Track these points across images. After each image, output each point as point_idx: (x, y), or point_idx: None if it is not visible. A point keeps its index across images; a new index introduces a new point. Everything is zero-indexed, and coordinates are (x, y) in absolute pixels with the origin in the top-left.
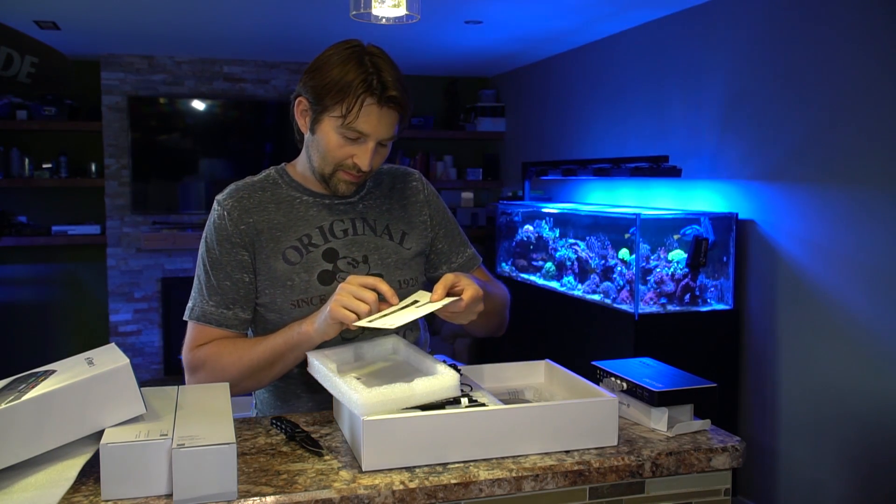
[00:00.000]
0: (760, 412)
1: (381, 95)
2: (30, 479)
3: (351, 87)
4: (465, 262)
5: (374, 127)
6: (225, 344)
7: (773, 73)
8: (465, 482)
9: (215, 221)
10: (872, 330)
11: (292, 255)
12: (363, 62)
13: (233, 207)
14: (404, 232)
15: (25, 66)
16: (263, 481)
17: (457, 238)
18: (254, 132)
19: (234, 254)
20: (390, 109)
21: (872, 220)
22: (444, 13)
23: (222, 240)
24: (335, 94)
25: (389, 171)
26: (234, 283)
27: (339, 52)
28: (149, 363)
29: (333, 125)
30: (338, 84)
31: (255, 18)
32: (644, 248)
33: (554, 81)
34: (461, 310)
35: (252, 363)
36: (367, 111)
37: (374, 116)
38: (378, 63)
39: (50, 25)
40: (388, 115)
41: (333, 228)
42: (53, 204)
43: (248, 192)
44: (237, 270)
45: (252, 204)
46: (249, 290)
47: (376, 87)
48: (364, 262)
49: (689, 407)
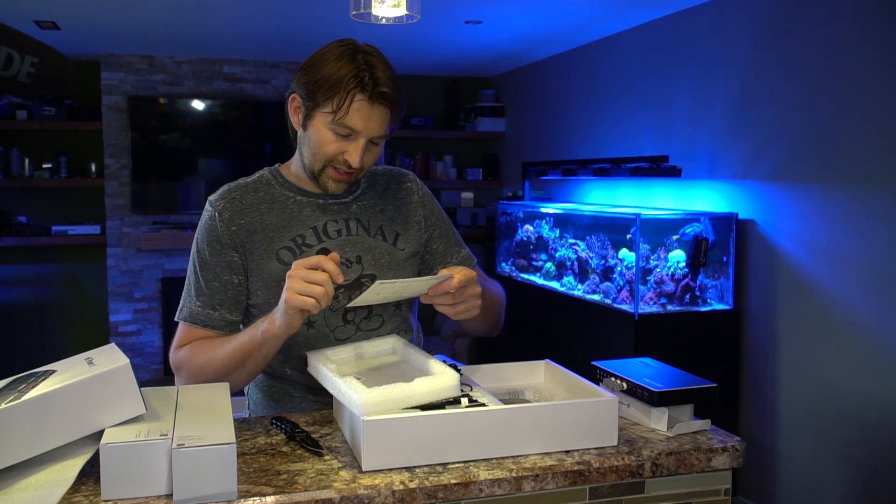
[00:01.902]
0: (760, 412)
1: (371, 91)
2: (30, 479)
3: (342, 82)
4: (459, 262)
5: (365, 123)
6: (200, 345)
7: (773, 73)
8: (465, 482)
9: (206, 222)
10: (872, 330)
11: (286, 255)
12: (356, 59)
13: (224, 208)
14: (398, 233)
15: (25, 66)
16: (263, 481)
17: (451, 238)
18: (254, 132)
19: (224, 255)
20: (381, 106)
21: (873, 220)
22: (444, 13)
23: (212, 241)
24: (327, 90)
25: (384, 173)
26: (223, 284)
27: (333, 49)
28: (149, 363)
29: (325, 121)
30: (330, 80)
31: (255, 18)
32: (644, 248)
33: (554, 81)
34: (453, 288)
35: (223, 364)
36: (357, 107)
37: (364, 113)
38: (371, 60)
39: (50, 25)
40: (379, 112)
41: (327, 228)
42: (53, 204)
43: (241, 193)
44: (226, 272)
45: (244, 205)
46: (238, 292)
47: (367, 83)
48: (357, 262)
49: (689, 407)
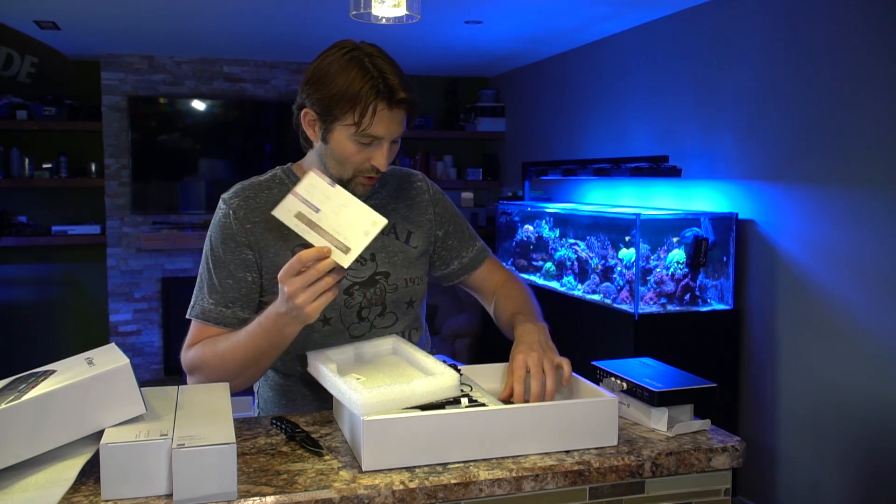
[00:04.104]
0: (760, 412)
1: (390, 99)
2: (30, 479)
3: (360, 95)
4: (475, 255)
5: (388, 129)
6: (212, 342)
7: (773, 72)
8: (465, 482)
9: (220, 220)
10: (872, 330)
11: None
12: (365, 66)
13: (238, 206)
14: (410, 231)
15: (25, 66)
16: (263, 481)
17: (465, 233)
18: (254, 132)
19: (238, 252)
20: (400, 109)
21: (872, 220)
22: (444, 13)
23: (226, 238)
24: (345, 104)
25: (394, 173)
26: (237, 281)
27: (338, 58)
28: (149, 363)
29: (346, 133)
30: (346, 94)
31: (255, 18)
32: (644, 247)
33: (554, 81)
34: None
35: (240, 359)
36: (379, 116)
37: (386, 120)
38: (380, 65)
39: (50, 25)
40: (398, 116)
41: None
42: (53, 204)
43: (255, 191)
44: (240, 269)
45: (259, 203)
46: (251, 290)
47: (384, 91)
48: (371, 259)
49: (689, 407)
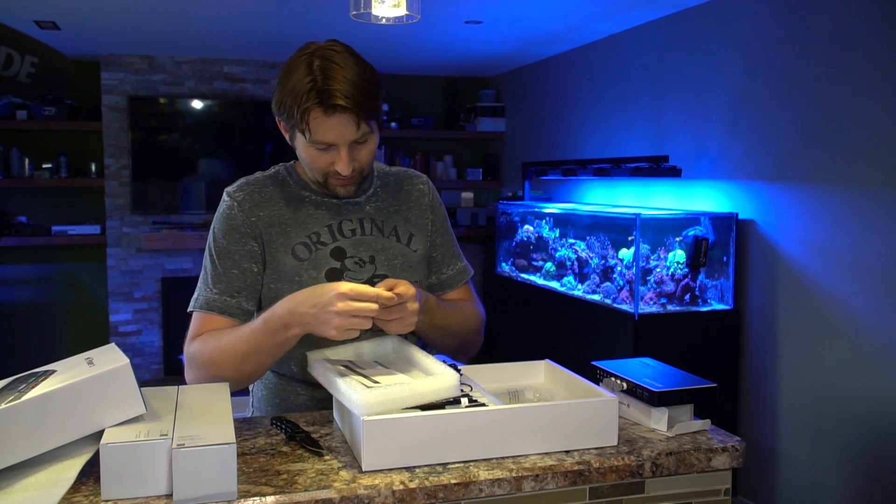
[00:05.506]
0: (760, 412)
1: (326, 104)
2: (30, 479)
3: (297, 101)
4: (454, 274)
5: (335, 135)
6: (214, 335)
7: (773, 73)
8: (465, 482)
9: (224, 212)
10: (872, 330)
11: (301, 251)
12: (311, 70)
13: (244, 199)
14: (411, 234)
15: (25, 66)
16: (263, 481)
17: (450, 250)
18: (254, 132)
19: (244, 243)
20: (342, 114)
21: (872, 221)
22: (444, 13)
23: (231, 229)
24: (288, 110)
25: (397, 173)
26: (242, 271)
27: (292, 61)
28: (149, 363)
29: (302, 139)
30: (287, 100)
31: (255, 18)
32: (644, 248)
33: (554, 81)
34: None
35: (240, 354)
36: (318, 122)
37: (327, 125)
38: (327, 67)
39: (50, 25)
40: (343, 120)
41: (342, 227)
42: (53, 204)
43: (259, 185)
44: (245, 259)
45: (263, 198)
46: (256, 281)
47: (318, 97)
48: (371, 262)
49: (689, 407)
